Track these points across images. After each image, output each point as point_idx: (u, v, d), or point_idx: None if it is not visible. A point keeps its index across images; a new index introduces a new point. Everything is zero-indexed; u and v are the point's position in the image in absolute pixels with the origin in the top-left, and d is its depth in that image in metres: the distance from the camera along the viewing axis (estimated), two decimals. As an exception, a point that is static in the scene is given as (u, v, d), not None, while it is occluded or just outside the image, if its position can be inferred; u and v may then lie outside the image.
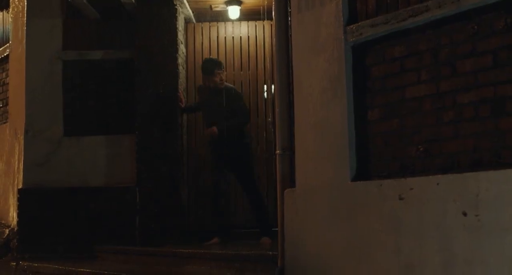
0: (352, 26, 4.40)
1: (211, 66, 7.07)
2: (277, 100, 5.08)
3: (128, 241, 6.89)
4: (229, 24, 7.89)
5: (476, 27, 3.74)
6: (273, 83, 6.03)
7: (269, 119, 7.50)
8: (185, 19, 7.76)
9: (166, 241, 6.73)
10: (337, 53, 4.46)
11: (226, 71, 7.81)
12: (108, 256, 6.70)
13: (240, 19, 7.83)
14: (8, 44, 8.31)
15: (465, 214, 3.58)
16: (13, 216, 7.57)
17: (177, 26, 7.29)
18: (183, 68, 7.58)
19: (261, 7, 7.31)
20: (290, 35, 4.98)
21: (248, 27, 7.87)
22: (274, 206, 5.20)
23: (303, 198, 4.67)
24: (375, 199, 4.11)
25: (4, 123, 8.32)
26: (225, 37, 7.87)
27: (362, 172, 4.32)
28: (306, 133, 4.70)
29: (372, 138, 4.31)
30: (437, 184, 3.74)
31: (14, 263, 6.98)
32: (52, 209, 7.16)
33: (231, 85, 7.31)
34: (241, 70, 7.80)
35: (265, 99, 7.76)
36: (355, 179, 4.31)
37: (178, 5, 7.29)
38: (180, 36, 7.43)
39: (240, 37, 7.87)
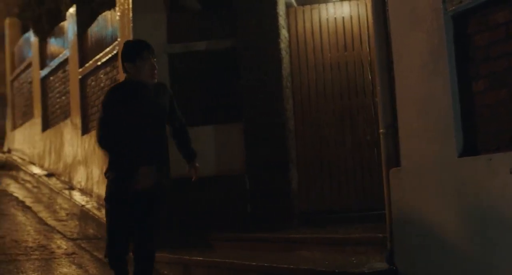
0: (451, -6, 4.19)
1: (138, 47, 4.69)
2: (378, 77, 4.96)
3: (240, 228, 6.93)
4: (330, 5, 7.75)
5: None
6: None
7: (377, 99, 7.30)
8: (285, 3, 7.69)
9: (277, 226, 6.71)
10: (436, 24, 4.26)
11: (330, 53, 7.69)
12: (220, 244, 6.76)
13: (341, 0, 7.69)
14: (116, 42, 8.55)
15: None
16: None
17: (278, 10, 7.24)
18: (287, 53, 7.51)
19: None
20: (387, 9, 4.81)
21: (350, 6, 7.70)
22: (380, 188, 5.04)
23: (409, 177, 4.51)
24: (485, 174, 3.89)
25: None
26: (327, 19, 7.73)
27: (469, 147, 4.11)
28: (408, 109, 4.54)
29: (478, 110, 4.08)
30: (551, 155, 3.50)
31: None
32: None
33: None
34: (345, 51, 7.64)
35: (371, 78, 7.57)
36: (462, 155, 4.11)
37: (277, -10, 7.24)
38: (282, 20, 7.37)
39: (343, 17, 7.70)
